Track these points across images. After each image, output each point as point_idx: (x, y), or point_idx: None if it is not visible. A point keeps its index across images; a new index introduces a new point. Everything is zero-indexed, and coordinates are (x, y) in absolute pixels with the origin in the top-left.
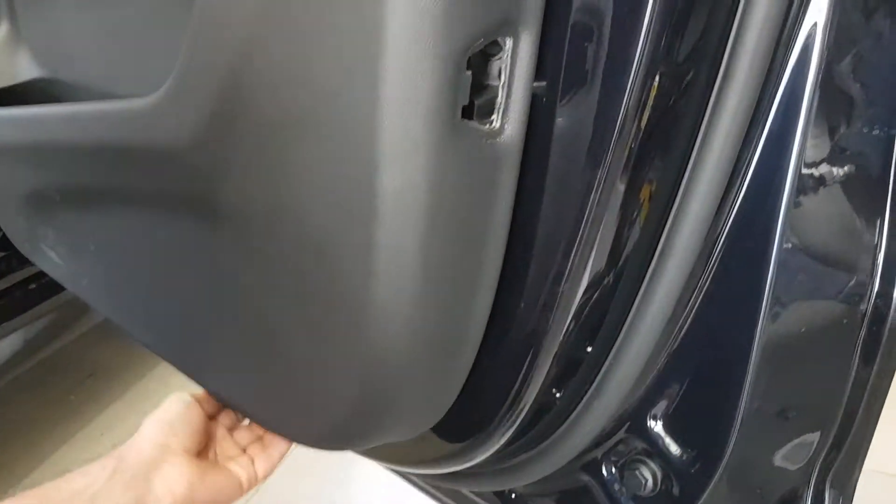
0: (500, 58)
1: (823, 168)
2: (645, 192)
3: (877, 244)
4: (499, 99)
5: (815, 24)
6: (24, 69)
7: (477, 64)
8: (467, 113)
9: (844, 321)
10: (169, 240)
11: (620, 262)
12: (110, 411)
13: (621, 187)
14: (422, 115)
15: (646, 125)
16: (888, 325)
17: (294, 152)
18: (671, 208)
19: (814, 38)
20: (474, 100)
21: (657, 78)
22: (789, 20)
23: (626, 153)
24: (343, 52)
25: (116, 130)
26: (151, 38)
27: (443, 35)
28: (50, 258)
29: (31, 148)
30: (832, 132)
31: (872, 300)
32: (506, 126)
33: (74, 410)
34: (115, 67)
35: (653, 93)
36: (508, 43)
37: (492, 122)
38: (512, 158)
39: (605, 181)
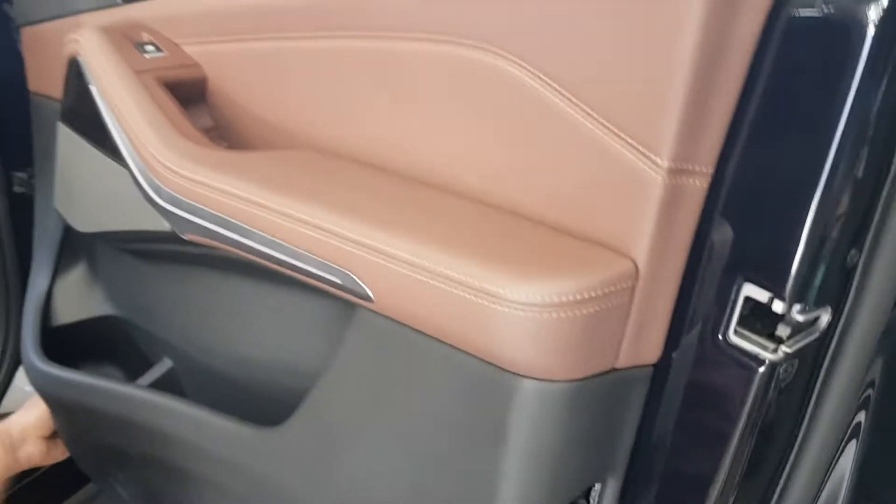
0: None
1: None
2: None
3: None
4: None
5: None
6: (98, 306)
7: None
8: None
9: None
10: None
11: None
12: None
13: None
14: None
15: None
16: None
17: None
18: None
19: None
20: None
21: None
22: None
23: None
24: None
25: (221, 444)
26: (217, 316)
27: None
28: (118, 493)
29: (131, 422)
30: None
31: None
32: None
33: None
34: (185, 330)
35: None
36: (597, 486)
37: None
38: None
39: None
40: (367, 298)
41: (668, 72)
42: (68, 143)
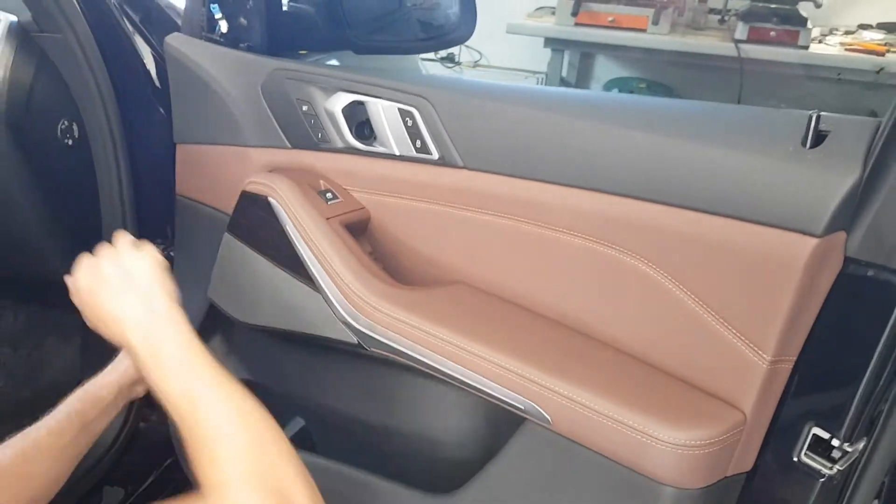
0: None
1: None
2: None
3: None
4: None
5: None
6: (233, 372)
7: None
8: None
9: None
10: None
11: None
12: None
13: None
14: None
15: None
16: None
17: None
18: None
19: None
20: None
21: None
22: None
23: None
24: None
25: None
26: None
27: None
28: None
29: None
30: None
31: None
32: None
33: None
34: (324, 398)
35: None
36: None
37: None
38: None
39: None
40: (545, 421)
41: (775, 304)
42: (234, 252)
